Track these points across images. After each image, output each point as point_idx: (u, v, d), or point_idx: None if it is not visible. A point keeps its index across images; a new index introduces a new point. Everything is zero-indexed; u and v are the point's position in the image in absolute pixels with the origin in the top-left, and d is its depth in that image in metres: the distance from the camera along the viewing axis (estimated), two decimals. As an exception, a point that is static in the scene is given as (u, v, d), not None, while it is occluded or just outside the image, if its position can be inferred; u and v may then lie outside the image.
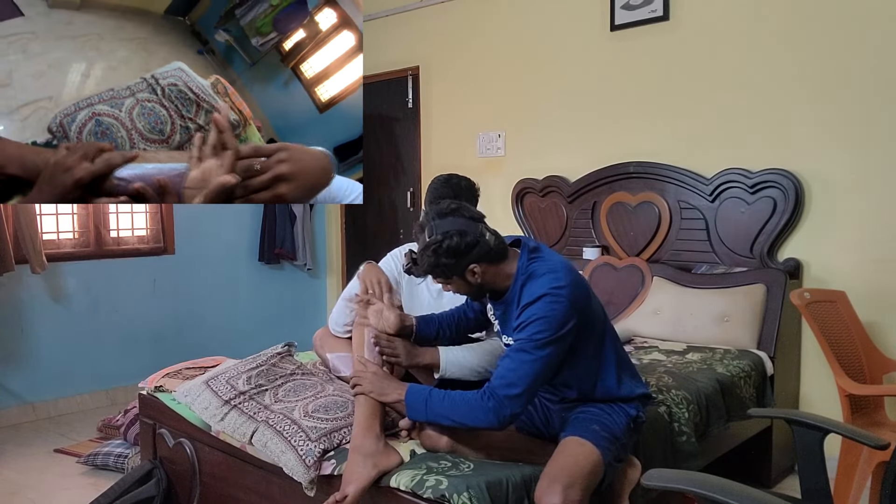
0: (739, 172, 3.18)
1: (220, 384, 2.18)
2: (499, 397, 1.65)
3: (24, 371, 3.83)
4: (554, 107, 3.91)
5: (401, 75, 4.67)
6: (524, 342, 1.68)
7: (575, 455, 1.66)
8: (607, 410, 1.81)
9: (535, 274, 1.73)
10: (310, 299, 5.20)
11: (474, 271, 1.74)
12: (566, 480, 1.58)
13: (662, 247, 3.46)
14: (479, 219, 1.76)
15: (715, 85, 3.31)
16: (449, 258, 1.71)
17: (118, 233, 4.23)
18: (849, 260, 2.97)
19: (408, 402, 1.76)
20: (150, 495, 2.34)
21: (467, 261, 1.72)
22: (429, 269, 1.75)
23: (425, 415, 1.75)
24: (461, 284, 1.79)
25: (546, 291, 1.68)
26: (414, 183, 4.71)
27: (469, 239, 1.71)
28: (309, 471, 1.80)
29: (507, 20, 4.08)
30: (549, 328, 1.66)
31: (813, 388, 3.09)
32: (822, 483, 1.67)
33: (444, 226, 1.71)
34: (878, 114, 2.88)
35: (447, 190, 2.16)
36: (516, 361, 1.67)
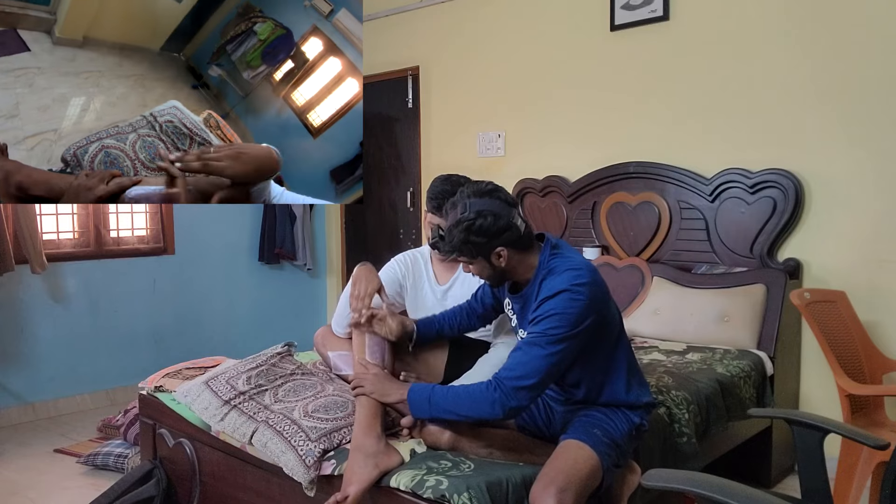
0: (739, 172, 3.18)
1: (220, 384, 2.18)
2: (506, 388, 1.65)
3: (24, 371, 3.83)
4: (554, 107, 3.91)
5: (401, 75, 4.67)
6: (538, 336, 1.67)
7: (573, 458, 1.66)
8: (610, 416, 1.81)
9: (556, 270, 1.73)
10: (310, 299, 5.20)
11: (500, 254, 1.74)
12: (562, 483, 1.57)
13: (662, 247, 3.46)
14: (514, 204, 1.77)
15: (715, 85, 3.31)
16: (479, 237, 1.71)
17: (118, 233, 4.23)
18: (849, 260, 2.97)
19: (410, 400, 1.77)
20: (150, 495, 2.34)
21: (496, 243, 1.73)
22: (457, 246, 1.75)
23: (429, 411, 1.75)
24: (484, 267, 1.78)
25: (566, 287, 1.68)
26: (414, 183, 4.71)
27: (502, 222, 1.71)
28: (309, 471, 1.80)
29: (508, 20, 4.08)
30: (565, 324, 1.66)
31: (813, 388, 3.09)
32: (822, 483, 1.67)
33: (478, 205, 1.72)
34: (878, 114, 2.88)
35: (447, 186, 2.15)
36: (528, 355, 1.67)
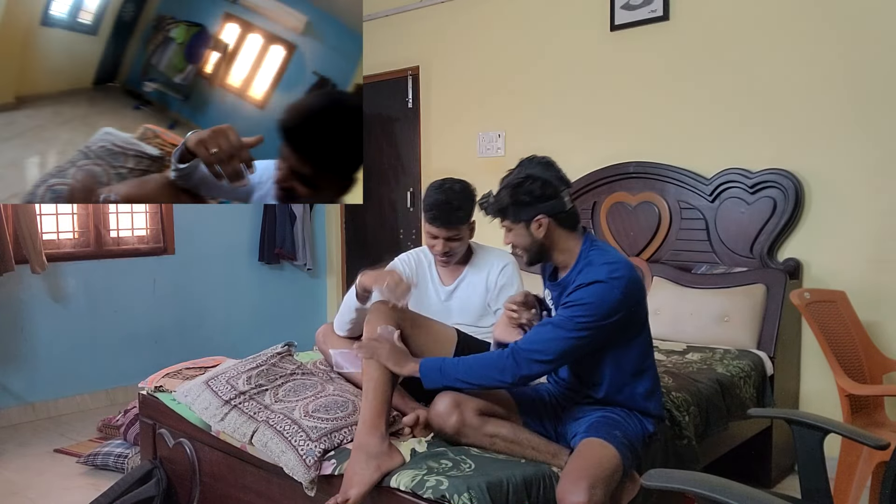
0: (739, 172, 3.18)
1: (220, 384, 2.18)
2: (521, 357, 1.70)
3: (24, 371, 3.83)
4: (554, 107, 3.91)
5: (401, 75, 4.67)
6: (565, 319, 1.71)
7: (599, 457, 1.66)
8: (627, 419, 1.83)
9: (595, 262, 1.76)
10: (310, 299, 5.20)
11: (541, 223, 1.78)
12: (592, 479, 1.58)
13: (662, 247, 3.46)
14: (566, 183, 1.82)
15: (715, 85, 3.31)
16: (526, 197, 1.76)
17: (118, 233, 4.23)
18: (849, 260, 2.97)
19: (422, 370, 1.80)
20: (150, 495, 2.34)
21: (540, 209, 1.77)
22: (503, 206, 1.80)
23: (441, 380, 1.78)
24: (523, 235, 1.81)
25: (602, 278, 1.71)
26: (414, 183, 4.71)
27: (549, 190, 1.76)
28: (309, 471, 1.80)
29: (508, 20, 4.08)
30: (594, 314, 1.69)
31: (813, 388, 3.09)
32: (822, 483, 1.66)
33: (530, 169, 1.78)
34: (878, 114, 2.88)
35: (440, 196, 2.14)
36: (551, 333, 1.71)
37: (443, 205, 2.13)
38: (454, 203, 2.14)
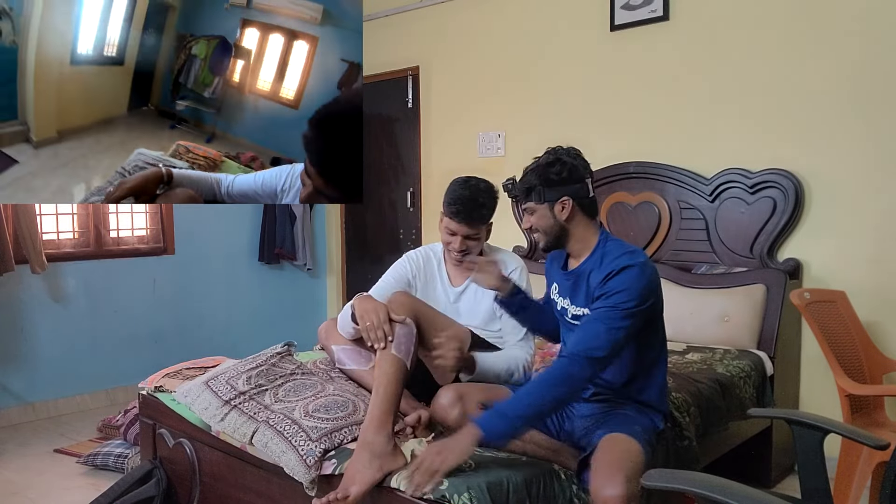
0: (739, 172, 3.18)
1: (220, 384, 2.18)
2: (581, 360, 1.68)
3: (24, 371, 3.83)
4: (554, 107, 3.91)
5: (401, 75, 4.67)
6: (609, 310, 1.72)
7: (628, 451, 1.67)
8: (640, 416, 1.85)
9: (615, 252, 1.79)
10: (310, 299, 5.20)
11: (564, 205, 1.82)
12: (626, 473, 1.57)
13: (662, 247, 3.46)
14: (590, 172, 1.89)
15: (715, 85, 3.31)
16: (555, 177, 1.81)
17: (118, 233, 4.23)
18: (849, 260, 2.97)
19: (483, 426, 1.61)
20: (150, 495, 2.34)
21: (566, 190, 1.81)
22: (530, 186, 1.84)
23: (512, 425, 1.63)
24: (547, 217, 1.84)
25: (631, 263, 1.74)
26: (414, 183, 4.71)
27: (576, 175, 1.83)
28: (310, 471, 1.80)
29: (508, 20, 4.08)
30: (635, 298, 1.71)
31: (813, 388, 3.09)
32: (822, 483, 1.66)
33: (559, 154, 1.85)
34: (878, 113, 2.88)
35: (465, 191, 2.10)
36: (600, 328, 1.71)
37: (467, 201, 2.08)
38: (479, 200, 2.10)
